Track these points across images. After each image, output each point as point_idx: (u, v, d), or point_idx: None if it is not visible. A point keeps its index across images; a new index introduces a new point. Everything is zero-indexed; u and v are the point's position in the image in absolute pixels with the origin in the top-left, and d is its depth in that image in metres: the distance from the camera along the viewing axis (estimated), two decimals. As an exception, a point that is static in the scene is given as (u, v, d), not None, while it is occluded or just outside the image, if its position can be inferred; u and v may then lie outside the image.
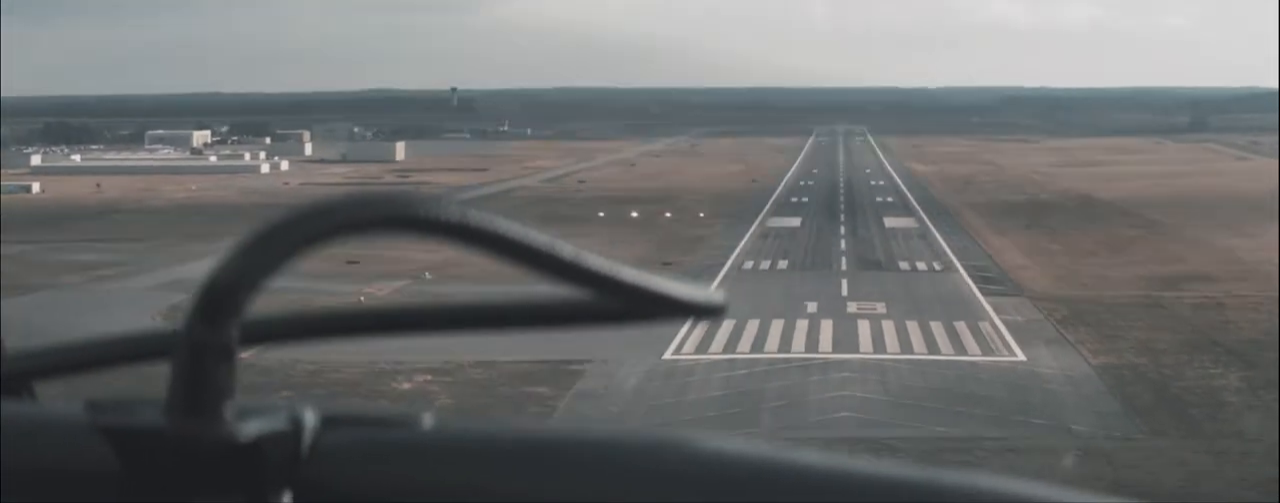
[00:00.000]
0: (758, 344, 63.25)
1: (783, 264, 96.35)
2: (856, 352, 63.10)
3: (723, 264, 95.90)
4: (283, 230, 1.46)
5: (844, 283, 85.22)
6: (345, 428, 1.51)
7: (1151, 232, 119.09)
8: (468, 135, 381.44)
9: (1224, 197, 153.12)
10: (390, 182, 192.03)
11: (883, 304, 76.48)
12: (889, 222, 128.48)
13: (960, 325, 70.55)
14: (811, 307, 75.15)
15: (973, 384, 56.83)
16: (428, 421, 1.54)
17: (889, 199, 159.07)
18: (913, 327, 69.62)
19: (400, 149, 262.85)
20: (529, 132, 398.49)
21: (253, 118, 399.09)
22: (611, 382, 57.95)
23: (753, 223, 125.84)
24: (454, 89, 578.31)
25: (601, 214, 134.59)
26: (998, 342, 66.62)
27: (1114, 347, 65.62)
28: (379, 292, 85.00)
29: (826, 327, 69.38)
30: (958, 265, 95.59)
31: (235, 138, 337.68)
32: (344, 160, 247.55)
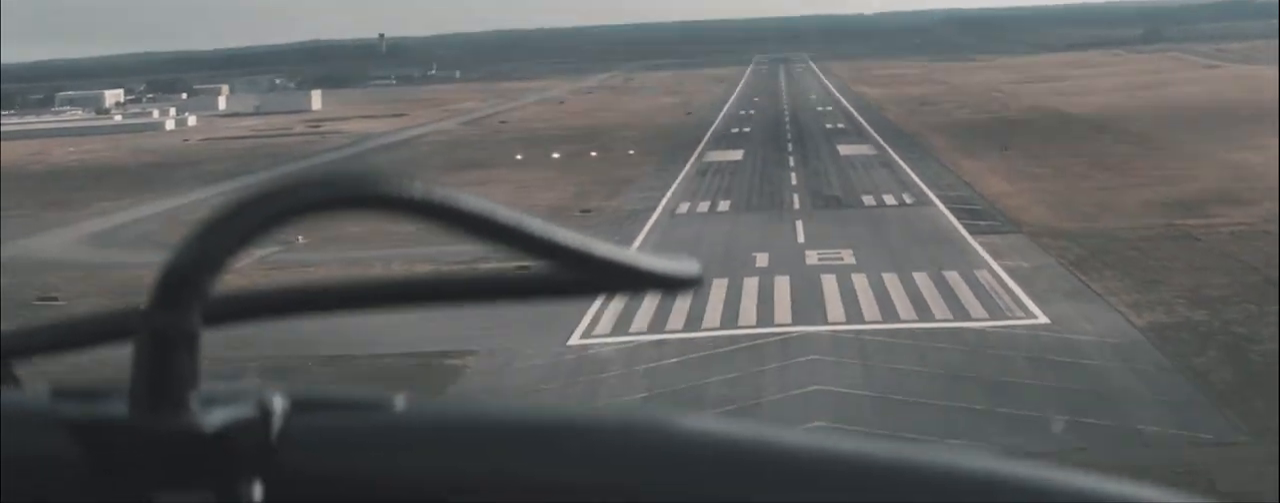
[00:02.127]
0: (693, 318, 47.52)
1: (723, 205, 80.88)
2: (824, 322, 47.63)
3: (653, 209, 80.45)
4: (242, 213, 1.44)
5: (799, 226, 69.84)
6: (315, 412, 1.48)
7: (1143, 148, 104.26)
8: (393, 81, 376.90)
9: (1207, 106, 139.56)
10: (299, 131, 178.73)
11: (850, 251, 61.22)
12: (844, 149, 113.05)
13: (952, 276, 55.37)
14: (761, 259, 59.88)
15: (987, 365, 41.31)
16: (400, 403, 1.51)
17: (840, 125, 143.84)
18: (892, 281, 54.39)
19: (316, 98, 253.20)
20: (458, 74, 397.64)
21: (182, 75, 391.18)
22: (498, 381, 42.58)
23: (689, 159, 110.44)
24: (381, 36, 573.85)
25: (519, 157, 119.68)
26: (1005, 297, 51.35)
27: (1157, 297, 50.41)
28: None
29: (781, 287, 54.15)
30: (932, 197, 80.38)
31: (150, 96, 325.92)
32: (257, 113, 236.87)
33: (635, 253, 1.52)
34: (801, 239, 65.85)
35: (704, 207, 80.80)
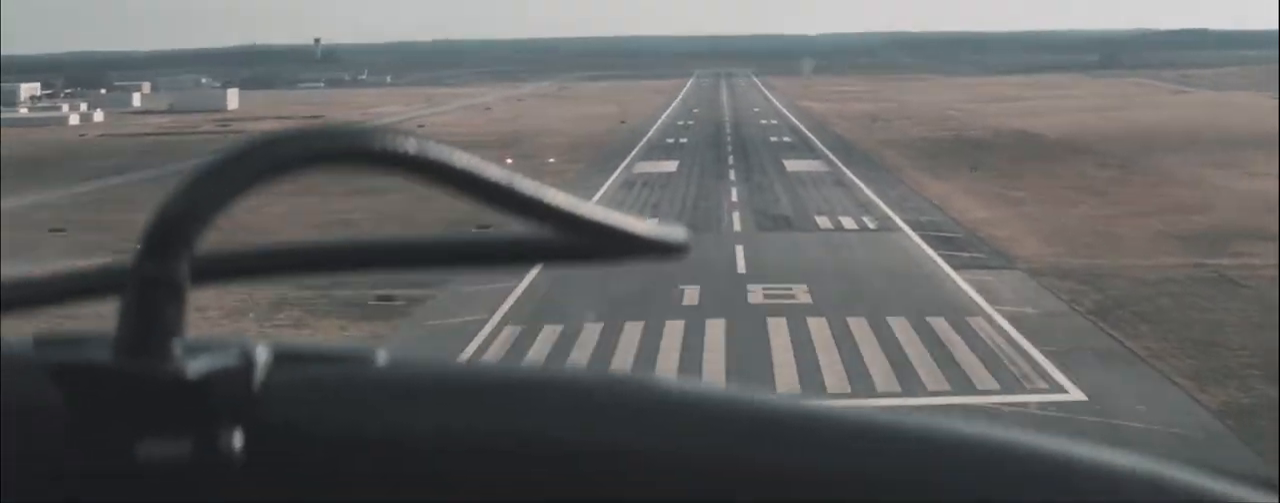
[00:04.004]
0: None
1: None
2: (772, 389, 34.15)
3: (564, 225, 67.13)
4: (234, 163, 1.44)
5: (739, 252, 56.61)
6: (297, 364, 1.47)
7: (1130, 172, 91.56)
8: (322, 85, 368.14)
9: (1187, 130, 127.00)
10: (205, 129, 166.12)
11: (803, 287, 48.12)
12: (791, 164, 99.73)
13: (940, 325, 42.32)
14: (689, 295, 46.76)
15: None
16: (381, 357, 1.50)
17: (786, 139, 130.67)
18: (861, 330, 41.33)
19: (232, 97, 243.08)
20: (388, 80, 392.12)
21: (110, 73, 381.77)
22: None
23: (616, 169, 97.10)
24: (317, 40, 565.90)
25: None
26: (1017, 358, 38.25)
27: (1220, 364, 37.38)
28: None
29: (713, 336, 41.11)
30: (898, 221, 67.27)
31: (68, 91, 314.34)
32: (170, 111, 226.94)
33: (624, 216, 1.50)
34: (742, 268, 52.73)
35: (626, 224, 67.62)
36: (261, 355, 1.45)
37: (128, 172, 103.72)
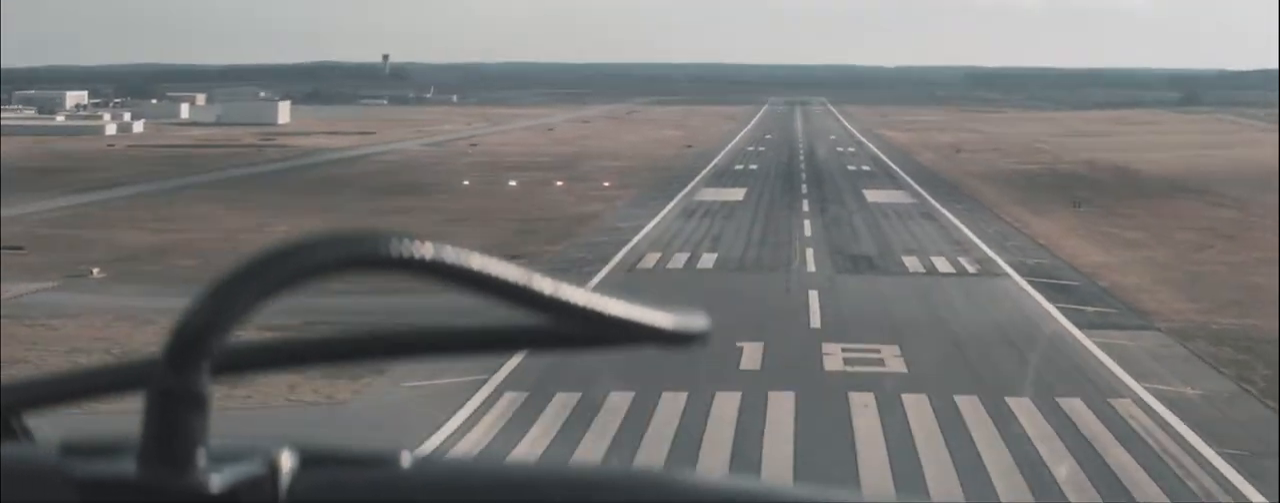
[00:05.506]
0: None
1: (707, 260, 57.32)
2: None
3: (606, 260, 57.05)
4: (251, 273, 1.45)
5: (813, 300, 46.30)
6: (322, 469, 1.49)
7: (1250, 213, 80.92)
8: (385, 101, 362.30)
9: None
10: (245, 143, 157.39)
11: (894, 349, 37.90)
12: (872, 195, 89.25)
13: (1076, 409, 32.11)
14: (749, 356, 36.69)
15: None
16: (406, 459, 1.52)
17: (866, 168, 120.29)
18: (975, 414, 31.19)
19: (284, 111, 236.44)
20: (455, 99, 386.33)
21: (174, 85, 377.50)
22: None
23: (676, 196, 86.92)
24: (385, 57, 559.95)
25: (466, 183, 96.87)
26: (1194, 468, 27.95)
27: None
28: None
29: (780, 415, 31.08)
30: (1002, 264, 56.86)
31: (118, 100, 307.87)
32: (217, 123, 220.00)
33: (638, 308, 1.53)
34: (816, 322, 42.43)
35: (680, 260, 57.28)
36: (286, 461, 1.45)
37: (127, 185, 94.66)
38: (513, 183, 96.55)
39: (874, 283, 51.04)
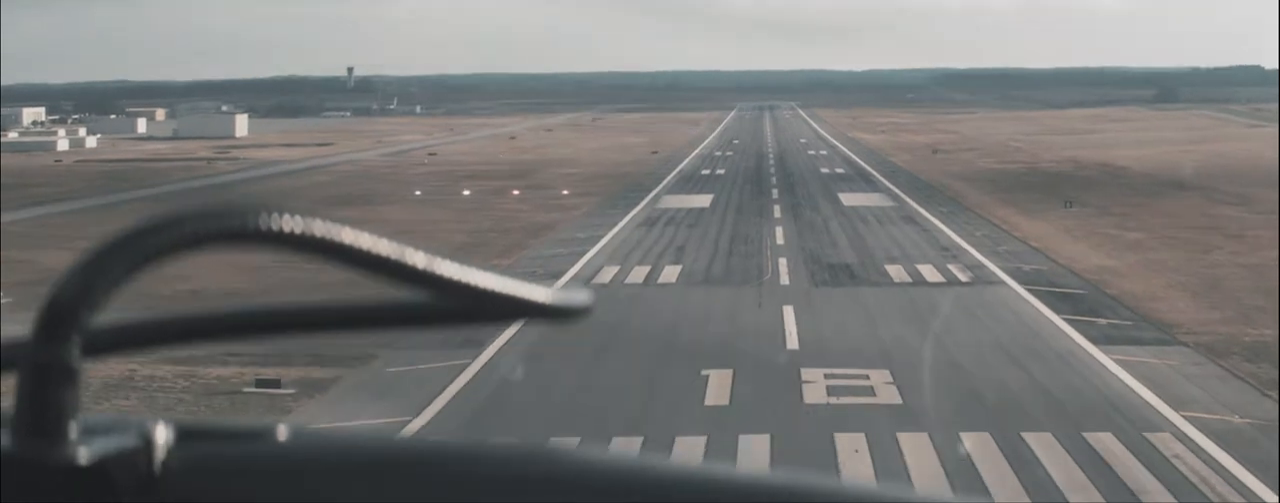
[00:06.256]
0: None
1: (670, 274, 51.68)
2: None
3: (560, 274, 51.44)
4: (121, 246, 1.44)
5: (788, 316, 40.78)
6: (198, 442, 1.48)
7: (1253, 210, 75.62)
8: (348, 114, 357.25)
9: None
10: (197, 156, 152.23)
11: (884, 375, 32.38)
12: (848, 199, 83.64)
13: (1110, 449, 26.78)
14: (716, 387, 31.22)
15: None
16: (283, 432, 1.51)
17: (839, 170, 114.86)
18: (988, 457, 25.86)
19: (241, 124, 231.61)
20: (418, 110, 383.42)
21: (138, 100, 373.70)
22: None
23: (638, 204, 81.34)
24: (350, 70, 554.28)
25: (418, 193, 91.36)
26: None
27: None
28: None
29: (754, 459, 25.50)
30: (996, 270, 51.39)
31: (76, 116, 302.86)
32: (174, 137, 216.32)
33: (517, 283, 1.51)
34: (794, 341, 36.94)
35: (639, 274, 51.66)
36: (161, 435, 1.44)
37: (61, 202, 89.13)
38: (466, 192, 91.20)
39: (856, 296, 45.49)
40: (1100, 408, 29.94)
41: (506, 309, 1.49)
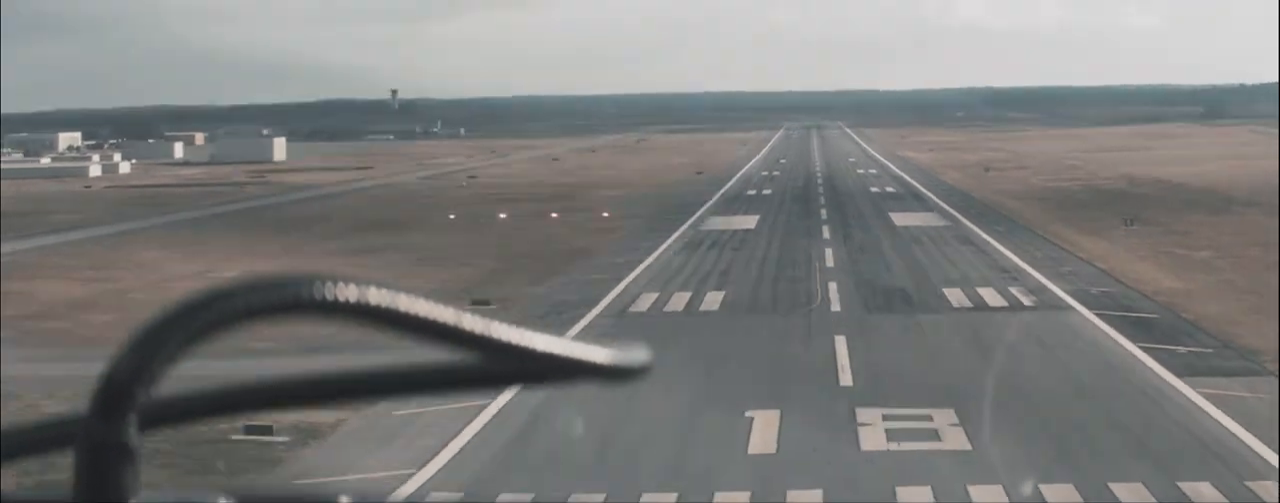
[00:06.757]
0: None
1: (712, 300, 48.40)
2: None
3: (593, 302, 48.19)
4: (174, 322, 1.42)
5: (840, 350, 37.38)
6: None
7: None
8: (391, 137, 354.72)
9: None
10: (232, 181, 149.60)
11: (948, 416, 29.02)
12: (900, 218, 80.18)
13: (1206, 496, 23.50)
14: (762, 430, 28.09)
15: None
16: (344, 501, 1.52)
17: (890, 189, 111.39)
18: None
19: (279, 148, 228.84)
20: (462, 132, 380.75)
21: (178, 124, 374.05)
22: None
23: (681, 225, 78.05)
24: (394, 92, 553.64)
25: (452, 216, 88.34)
26: None
27: None
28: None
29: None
30: (1061, 294, 47.97)
31: (113, 141, 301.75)
32: (211, 162, 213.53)
33: (574, 344, 1.50)
34: (847, 377, 33.62)
35: (679, 301, 48.39)
36: None
37: (82, 228, 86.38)
38: (503, 215, 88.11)
39: (913, 324, 42.23)
40: (1194, 451, 26.66)
41: (565, 371, 1.47)
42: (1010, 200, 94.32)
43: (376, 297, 1.40)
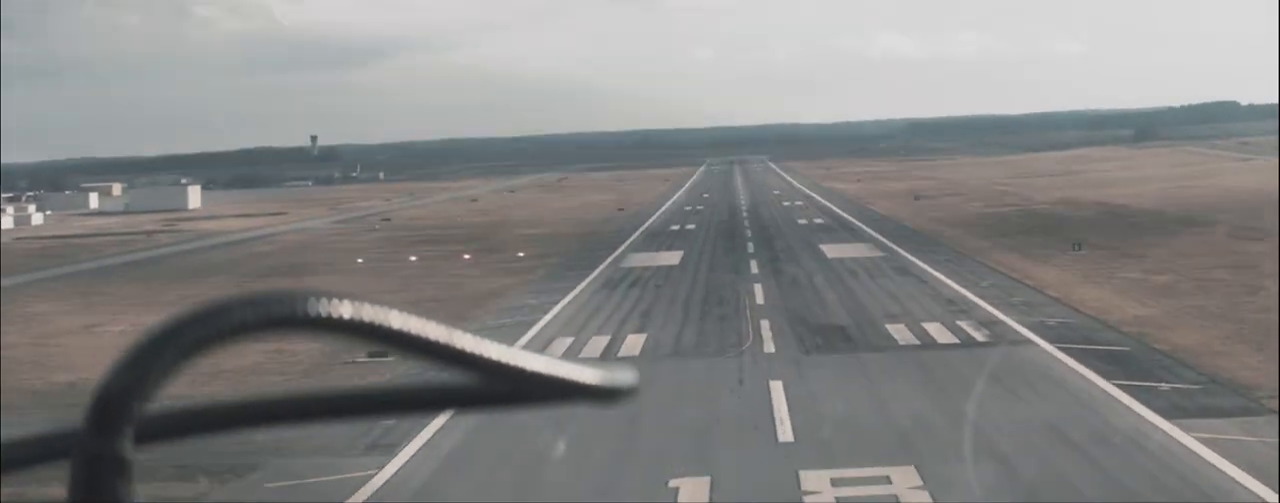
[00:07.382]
0: None
1: (633, 344, 43.78)
2: None
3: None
4: (169, 336, 1.43)
5: (776, 396, 32.84)
6: None
7: (1280, 245, 67.90)
8: (310, 183, 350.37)
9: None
10: (142, 230, 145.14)
11: (908, 471, 24.50)
12: (832, 250, 75.57)
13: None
14: (686, 499, 23.23)
15: None
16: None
17: (819, 220, 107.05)
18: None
19: (195, 196, 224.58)
20: (381, 176, 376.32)
21: (95, 177, 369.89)
22: None
23: (600, 263, 73.43)
24: (313, 139, 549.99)
25: (360, 261, 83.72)
26: None
27: None
28: None
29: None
30: (1017, 327, 43.58)
31: (30, 193, 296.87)
32: (125, 211, 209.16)
33: (563, 364, 1.51)
34: (788, 433, 28.98)
35: (596, 346, 43.77)
36: None
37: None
38: (413, 258, 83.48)
39: (856, 364, 37.70)
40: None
41: (553, 391, 1.47)
42: (946, 228, 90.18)
43: (370, 314, 1.42)
